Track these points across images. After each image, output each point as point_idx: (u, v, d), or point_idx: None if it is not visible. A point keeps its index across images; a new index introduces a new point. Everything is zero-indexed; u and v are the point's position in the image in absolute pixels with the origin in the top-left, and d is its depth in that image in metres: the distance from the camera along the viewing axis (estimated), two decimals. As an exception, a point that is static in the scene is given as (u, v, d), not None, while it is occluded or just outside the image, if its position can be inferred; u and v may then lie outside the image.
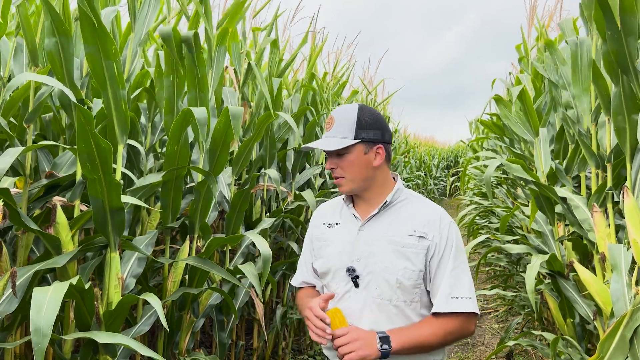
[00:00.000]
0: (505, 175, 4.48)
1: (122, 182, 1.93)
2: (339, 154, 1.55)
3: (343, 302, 1.56)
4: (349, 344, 1.41)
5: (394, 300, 1.51)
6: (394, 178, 1.65)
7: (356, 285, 1.54)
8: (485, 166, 4.21)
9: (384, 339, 1.42)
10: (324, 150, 1.61)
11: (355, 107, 1.58)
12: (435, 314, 1.50)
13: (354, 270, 1.54)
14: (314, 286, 1.76)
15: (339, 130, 1.55)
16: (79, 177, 2.09)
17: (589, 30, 2.62)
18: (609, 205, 2.30)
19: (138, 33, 2.15)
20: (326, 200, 1.92)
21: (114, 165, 1.97)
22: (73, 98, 1.72)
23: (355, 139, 1.53)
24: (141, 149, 2.79)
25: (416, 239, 1.52)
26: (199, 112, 2.15)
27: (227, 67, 3.78)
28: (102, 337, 1.64)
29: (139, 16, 2.15)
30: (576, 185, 3.13)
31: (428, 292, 1.54)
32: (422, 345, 1.47)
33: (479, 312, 1.54)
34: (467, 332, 1.53)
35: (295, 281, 1.81)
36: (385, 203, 1.58)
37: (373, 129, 1.56)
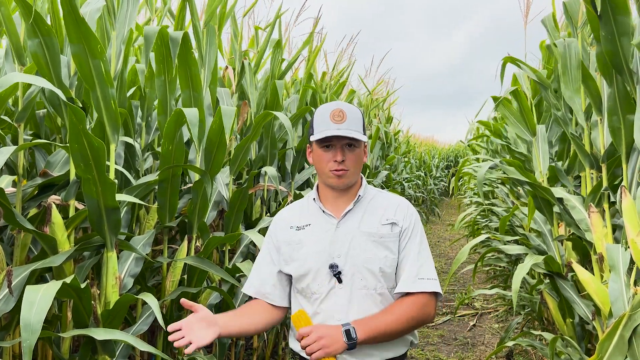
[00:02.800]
0: (506, 175, 4.48)
1: (116, 181, 1.93)
2: (351, 145, 1.59)
3: (328, 300, 1.59)
4: (315, 343, 1.46)
5: (379, 288, 1.58)
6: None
7: (339, 280, 1.58)
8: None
9: (349, 332, 1.48)
10: (331, 140, 1.57)
11: (354, 106, 1.66)
12: (399, 298, 1.58)
13: (336, 267, 1.57)
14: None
15: (352, 124, 1.58)
16: (72, 176, 2.09)
17: (575, 30, 2.62)
18: (605, 205, 2.30)
19: (120, 31, 2.14)
20: None
21: (107, 163, 1.97)
22: (63, 97, 1.71)
23: (364, 135, 1.61)
24: (137, 147, 2.79)
25: (389, 227, 1.61)
26: (190, 112, 2.15)
27: (227, 67, 3.78)
28: (100, 334, 1.64)
29: (119, 14, 2.14)
30: (577, 185, 3.12)
31: None
32: (386, 332, 1.52)
33: (442, 293, 1.62)
34: (429, 316, 1.60)
35: (250, 289, 1.70)
36: (358, 197, 1.65)
37: (366, 129, 1.67)
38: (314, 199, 1.69)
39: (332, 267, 1.57)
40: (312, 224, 1.66)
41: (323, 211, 1.66)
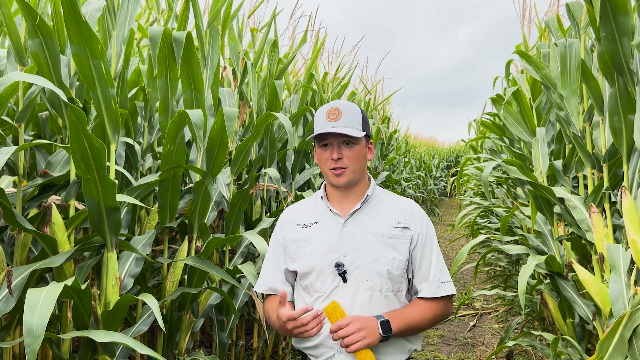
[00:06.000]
0: (505, 175, 4.48)
1: (116, 181, 1.93)
2: (348, 143, 1.59)
3: (331, 299, 1.58)
4: (354, 334, 1.46)
5: (385, 290, 1.58)
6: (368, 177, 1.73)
7: (344, 280, 1.57)
8: (485, 167, 4.21)
9: (385, 324, 1.50)
10: (327, 139, 1.58)
11: (353, 103, 1.65)
12: (424, 299, 1.60)
13: (342, 266, 1.57)
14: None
15: (348, 120, 1.58)
16: (73, 176, 2.09)
17: (577, 31, 2.62)
18: (606, 205, 2.30)
19: (120, 31, 2.14)
20: None
21: (107, 164, 1.97)
22: (64, 97, 1.71)
23: (363, 131, 1.60)
24: (138, 148, 2.79)
25: (400, 230, 1.61)
26: (194, 114, 2.14)
27: (225, 67, 3.78)
28: (100, 336, 1.63)
29: (120, 14, 2.13)
30: (575, 185, 3.12)
31: (408, 280, 1.64)
32: (414, 327, 1.57)
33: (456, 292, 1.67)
34: (449, 314, 1.67)
35: (260, 287, 1.74)
36: (366, 197, 1.65)
37: (368, 126, 1.65)
38: (322, 197, 1.70)
39: (338, 265, 1.57)
40: (318, 222, 1.67)
41: (330, 210, 1.66)
